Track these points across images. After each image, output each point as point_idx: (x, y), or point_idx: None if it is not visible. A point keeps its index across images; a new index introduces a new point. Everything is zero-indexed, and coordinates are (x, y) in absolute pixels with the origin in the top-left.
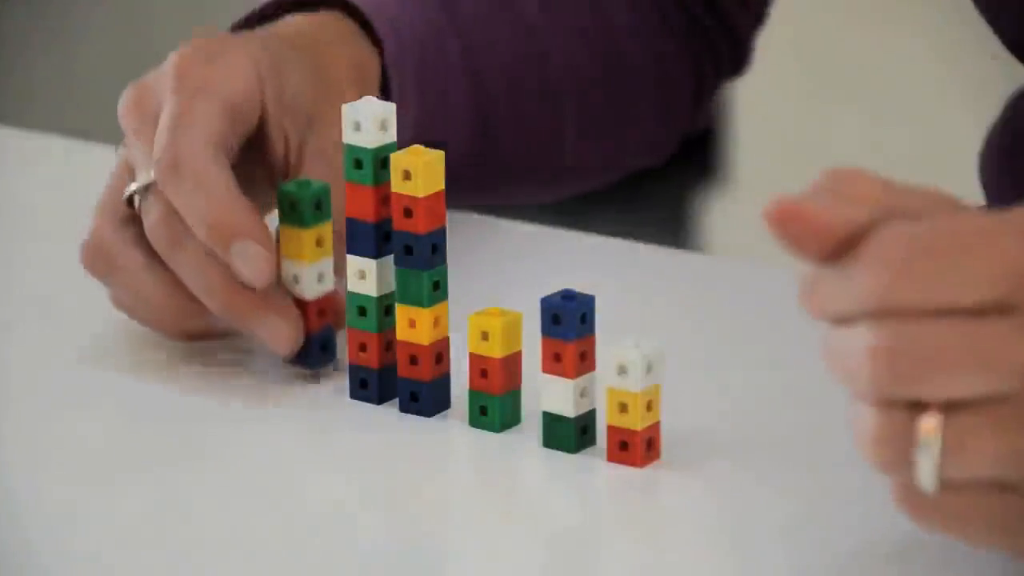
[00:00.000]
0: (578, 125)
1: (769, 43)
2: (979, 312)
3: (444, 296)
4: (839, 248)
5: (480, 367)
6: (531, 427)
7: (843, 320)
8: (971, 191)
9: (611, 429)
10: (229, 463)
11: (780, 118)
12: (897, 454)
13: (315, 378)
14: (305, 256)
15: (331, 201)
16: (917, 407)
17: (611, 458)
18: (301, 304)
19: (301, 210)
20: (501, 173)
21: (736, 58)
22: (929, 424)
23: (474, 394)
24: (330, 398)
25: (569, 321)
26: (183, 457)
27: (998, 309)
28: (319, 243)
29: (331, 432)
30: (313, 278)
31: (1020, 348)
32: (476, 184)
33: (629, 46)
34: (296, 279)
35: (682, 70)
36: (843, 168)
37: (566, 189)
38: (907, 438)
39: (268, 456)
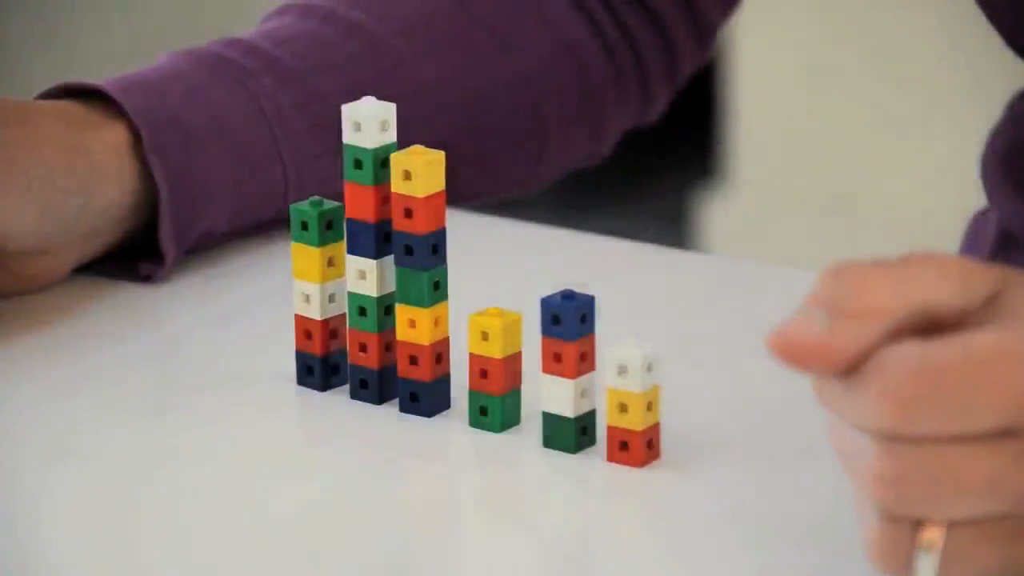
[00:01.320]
0: (479, 142)
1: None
2: (985, 439)
3: (444, 296)
4: (848, 368)
5: (480, 367)
6: (531, 427)
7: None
8: (973, 192)
9: (611, 429)
10: (228, 463)
11: (780, 118)
12: (901, 562)
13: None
14: (316, 276)
15: None
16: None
17: (611, 458)
18: (311, 325)
19: (312, 230)
20: None
21: (699, 46)
22: (932, 534)
23: (474, 394)
24: (330, 398)
25: (569, 321)
26: (180, 457)
27: (1003, 434)
28: (330, 263)
29: (331, 432)
30: (324, 298)
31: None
32: None
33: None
34: (307, 299)
35: (610, 71)
36: (844, 268)
37: (485, 196)
38: (911, 547)
39: (267, 456)
